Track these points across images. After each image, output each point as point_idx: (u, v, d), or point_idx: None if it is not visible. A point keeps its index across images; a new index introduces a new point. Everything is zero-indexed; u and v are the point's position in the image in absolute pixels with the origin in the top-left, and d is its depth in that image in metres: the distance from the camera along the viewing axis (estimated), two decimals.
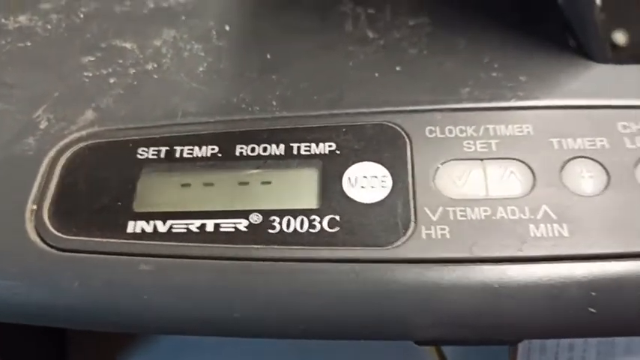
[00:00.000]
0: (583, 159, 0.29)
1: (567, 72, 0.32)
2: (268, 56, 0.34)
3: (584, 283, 0.26)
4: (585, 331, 0.28)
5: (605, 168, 0.28)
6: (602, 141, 0.29)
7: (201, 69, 0.34)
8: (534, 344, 0.32)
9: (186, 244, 0.28)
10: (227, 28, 0.36)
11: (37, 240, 0.28)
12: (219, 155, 0.30)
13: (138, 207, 0.29)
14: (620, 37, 0.64)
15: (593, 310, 0.26)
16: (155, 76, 0.34)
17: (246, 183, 0.29)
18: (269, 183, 0.29)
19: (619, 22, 0.64)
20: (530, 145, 0.29)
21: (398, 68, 0.33)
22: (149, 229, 0.28)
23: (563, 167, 0.29)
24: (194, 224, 0.28)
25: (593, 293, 0.26)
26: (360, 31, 0.35)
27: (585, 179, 0.28)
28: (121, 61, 0.35)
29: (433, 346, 0.39)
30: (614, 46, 0.66)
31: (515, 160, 0.29)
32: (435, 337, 0.28)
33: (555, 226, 0.27)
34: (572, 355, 0.31)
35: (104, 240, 0.28)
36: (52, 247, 0.28)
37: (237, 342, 0.52)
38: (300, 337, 0.28)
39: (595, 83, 0.31)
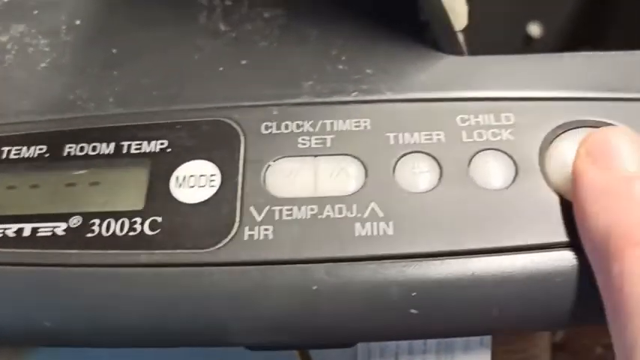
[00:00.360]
0: (418, 154, 0.28)
1: (415, 64, 0.31)
2: (114, 51, 0.33)
3: (404, 284, 0.25)
4: (409, 333, 0.27)
5: (438, 163, 0.28)
6: (439, 135, 0.28)
7: (43, 65, 0.33)
8: (373, 346, 0.31)
9: (0, 250, 0.26)
10: (77, 22, 0.34)
11: None
12: (47, 155, 0.29)
13: None
14: (534, 29, 0.64)
15: (414, 311, 0.25)
16: None
17: (73, 184, 0.28)
18: (97, 184, 0.28)
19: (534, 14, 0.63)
20: (366, 140, 0.28)
21: (244, 62, 0.32)
22: None
23: (396, 163, 0.28)
24: (11, 229, 0.27)
25: (414, 294, 0.25)
26: (213, 24, 0.34)
27: (417, 175, 0.27)
28: None
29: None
30: (529, 38, 0.66)
31: (348, 156, 0.28)
32: (259, 342, 0.27)
33: (381, 224, 0.26)
34: (412, 358, 0.30)
35: None
36: None
37: None
38: (115, 345, 0.26)
39: (441, 76, 0.30)
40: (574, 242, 0.26)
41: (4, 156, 0.29)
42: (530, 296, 0.26)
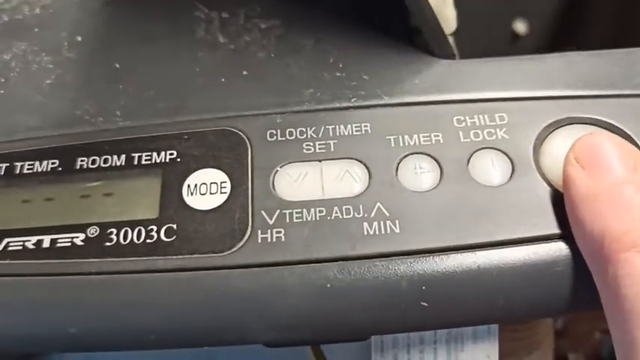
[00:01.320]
0: (418, 155, 0.29)
1: (409, 69, 0.32)
2: (117, 65, 0.34)
3: (414, 278, 0.27)
4: (421, 324, 0.28)
5: (438, 163, 0.29)
6: (437, 136, 0.30)
7: (48, 82, 0.34)
8: (387, 338, 0.32)
9: (21, 261, 0.28)
10: (79, 38, 0.35)
11: None
12: (60, 169, 0.30)
13: None
14: (520, 27, 0.66)
15: (425, 303, 0.26)
16: (1, 92, 0.33)
17: (87, 196, 0.29)
18: (110, 195, 0.29)
19: (519, 11, 0.65)
20: (368, 143, 0.30)
21: (245, 72, 0.33)
22: None
23: (398, 164, 0.29)
24: (30, 241, 0.28)
25: (424, 287, 0.26)
26: (212, 36, 0.35)
27: (419, 175, 0.29)
28: None
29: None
30: (515, 36, 0.67)
31: (352, 160, 0.29)
32: (276, 339, 0.28)
33: (388, 223, 0.28)
34: (423, 347, 0.32)
35: None
36: None
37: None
38: (138, 348, 0.27)
39: (435, 79, 0.32)
40: (571, 233, 0.27)
41: (17, 171, 0.30)
42: (533, 285, 0.27)
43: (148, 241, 0.28)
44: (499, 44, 0.71)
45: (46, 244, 0.28)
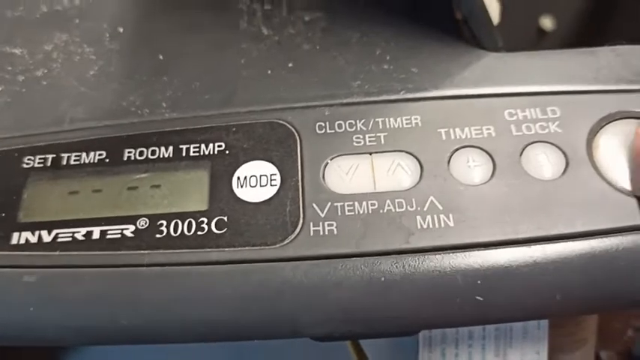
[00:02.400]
0: (470, 148, 0.29)
1: (458, 62, 0.32)
2: (161, 57, 0.34)
3: (469, 272, 0.26)
4: (474, 319, 0.28)
5: (491, 156, 0.29)
6: (488, 129, 0.29)
7: (91, 73, 0.33)
8: (435, 333, 0.32)
9: (71, 253, 0.27)
10: (120, 30, 0.35)
11: None
12: (107, 161, 0.30)
13: (23, 217, 0.28)
14: (547, 23, 0.65)
15: (479, 298, 0.26)
16: (44, 82, 0.33)
17: (134, 188, 0.29)
18: (158, 187, 0.29)
19: (546, 7, 0.64)
20: (419, 136, 0.29)
21: (290, 65, 0.33)
22: (34, 239, 0.28)
23: (450, 157, 0.29)
24: (80, 232, 0.28)
25: (479, 281, 0.26)
26: (255, 28, 0.35)
27: (471, 168, 0.28)
28: (9, 68, 0.34)
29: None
30: (542, 32, 0.67)
31: (403, 152, 0.29)
32: (328, 333, 0.27)
33: (442, 216, 0.27)
34: (472, 342, 0.31)
35: None
36: None
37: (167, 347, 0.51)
38: (190, 341, 0.27)
39: (484, 72, 0.31)
40: (628, 227, 0.26)
41: (64, 162, 0.30)
42: (589, 280, 0.27)
43: (199, 233, 0.27)
44: (526, 40, 0.70)
45: (95, 235, 0.28)
